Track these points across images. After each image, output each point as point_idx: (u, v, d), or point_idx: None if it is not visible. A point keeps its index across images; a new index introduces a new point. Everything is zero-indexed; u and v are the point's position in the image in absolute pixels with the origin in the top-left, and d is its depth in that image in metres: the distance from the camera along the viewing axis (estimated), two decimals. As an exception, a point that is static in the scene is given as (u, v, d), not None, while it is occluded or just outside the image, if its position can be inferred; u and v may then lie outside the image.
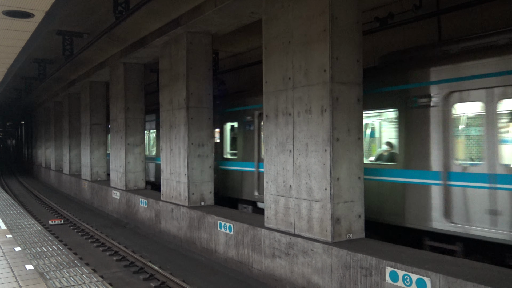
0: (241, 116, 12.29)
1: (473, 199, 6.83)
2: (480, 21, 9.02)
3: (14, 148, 63.26)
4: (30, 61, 19.03)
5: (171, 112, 11.94)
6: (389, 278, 5.93)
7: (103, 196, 17.85)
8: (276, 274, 7.99)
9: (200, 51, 11.37)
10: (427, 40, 9.76)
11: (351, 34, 7.22)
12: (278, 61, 8.04)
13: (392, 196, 8.00)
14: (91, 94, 20.05)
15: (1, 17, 8.41)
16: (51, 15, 8.40)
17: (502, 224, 6.44)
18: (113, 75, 16.44)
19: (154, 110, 17.84)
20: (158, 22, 11.78)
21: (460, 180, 7.02)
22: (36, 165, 38.35)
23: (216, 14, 9.82)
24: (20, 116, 45.97)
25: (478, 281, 5.06)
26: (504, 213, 6.43)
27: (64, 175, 25.51)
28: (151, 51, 13.67)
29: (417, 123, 7.58)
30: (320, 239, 7.16)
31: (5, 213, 12.34)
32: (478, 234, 6.72)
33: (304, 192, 7.48)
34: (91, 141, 20.03)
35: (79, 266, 7.00)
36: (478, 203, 6.76)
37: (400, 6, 10.22)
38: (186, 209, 11.15)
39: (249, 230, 8.70)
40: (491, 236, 6.56)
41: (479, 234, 6.69)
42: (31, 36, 10.02)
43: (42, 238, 9.12)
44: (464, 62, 7.03)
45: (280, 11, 7.94)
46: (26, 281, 5.73)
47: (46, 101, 30.46)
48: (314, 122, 7.27)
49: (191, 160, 11.21)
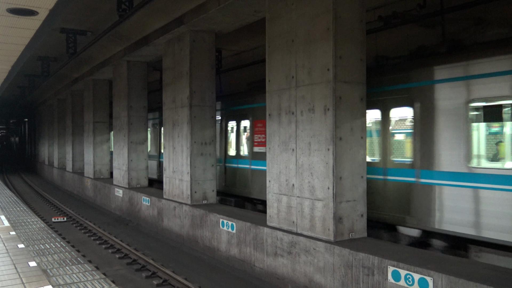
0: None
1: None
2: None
3: (18, 145, 63.42)
4: (34, 59, 19.07)
5: (174, 110, 11.95)
6: (391, 277, 5.93)
7: (106, 194, 17.89)
8: (278, 272, 7.99)
9: (203, 50, 11.37)
10: (428, 40, 9.73)
11: (354, 33, 7.21)
12: (281, 60, 8.04)
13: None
14: (94, 92, 20.09)
15: (5, 14, 8.42)
16: (55, 12, 8.41)
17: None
18: (116, 73, 16.46)
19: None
20: (162, 20, 11.79)
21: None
22: (39, 162, 38.46)
23: (220, 12, 9.82)
24: (23, 114, 46.06)
25: (480, 281, 5.05)
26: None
27: (67, 173, 25.58)
28: (155, 49, 13.68)
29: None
30: (323, 238, 7.16)
31: (8, 210, 12.39)
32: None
33: (307, 191, 7.48)
34: (94, 139, 20.08)
35: (82, 263, 7.02)
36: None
37: (404, 5, 10.19)
38: (188, 207, 11.16)
39: (252, 228, 8.71)
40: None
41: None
42: (35, 34, 10.03)
43: (45, 235, 9.15)
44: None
45: (284, 9, 7.93)
46: (29, 278, 5.75)
47: (50, 98, 30.54)
48: (317, 121, 7.27)
49: (193, 159, 11.22)
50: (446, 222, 7.17)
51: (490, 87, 6.71)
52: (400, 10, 10.00)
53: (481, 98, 6.85)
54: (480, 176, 6.75)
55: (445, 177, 7.22)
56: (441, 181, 7.27)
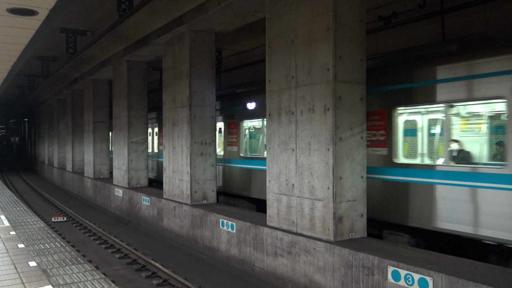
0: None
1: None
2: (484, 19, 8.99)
3: (18, 145, 63.36)
4: (34, 59, 19.06)
5: (174, 110, 11.96)
6: (391, 277, 5.93)
7: (106, 194, 17.89)
8: (278, 272, 7.99)
9: (203, 50, 11.37)
10: (429, 40, 9.73)
11: (354, 32, 7.21)
12: (281, 60, 8.04)
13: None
14: (94, 92, 20.09)
15: (5, 14, 8.42)
16: (55, 12, 8.41)
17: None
18: (116, 73, 16.46)
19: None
20: (162, 20, 11.79)
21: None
22: (39, 162, 38.46)
23: (220, 12, 9.82)
24: (23, 114, 46.09)
25: (480, 281, 5.05)
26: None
27: (67, 173, 25.58)
28: (155, 49, 13.68)
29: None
30: (322, 238, 7.16)
31: (8, 210, 12.38)
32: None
33: (307, 191, 7.49)
34: (94, 138, 20.08)
35: (82, 263, 7.02)
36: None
37: (404, 5, 10.20)
38: (188, 207, 11.16)
39: (251, 228, 8.71)
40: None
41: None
42: (35, 34, 10.02)
43: (45, 235, 9.15)
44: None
45: (284, 9, 7.93)
46: (29, 277, 5.75)
47: (50, 98, 30.54)
48: (317, 121, 7.27)
49: (193, 158, 11.22)
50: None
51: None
52: (400, 10, 10.01)
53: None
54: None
55: None
56: None
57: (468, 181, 6.82)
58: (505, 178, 6.39)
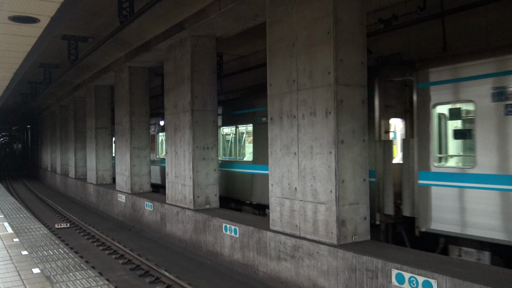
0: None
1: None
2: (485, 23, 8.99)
3: (20, 152, 63.58)
4: (36, 66, 19.16)
5: (176, 115, 11.98)
6: (395, 280, 5.91)
7: (109, 200, 17.91)
8: (281, 276, 7.97)
9: (204, 54, 11.40)
10: (430, 41, 9.73)
11: (355, 36, 7.22)
12: (282, 64, 8.05)
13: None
14: (96, 98, 20.15)
15: (7, 22, 8.45)
16: (57, 20, 8.43)
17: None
18: (118, 79, 16.51)
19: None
20: (163, 26, 11.83)
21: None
22: (42, 169, 38.54)
23: (220, 17, 9.85)
24: (26, 121, 46.23)
25: (484, 283, 5.03)
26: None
27: (69, 179, 25.62)
28: (156, 55, 13.72)
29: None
30: (326, 242, 7.14)
31: (11, 217, 12.40)
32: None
33: (309, 195, 7.48)
34: (96, 144, 20.12)
35: (85, 269, 7.02)
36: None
37: (404, 7, 10.21)
38: (191, 212, 11.16)
39: (255, 232, 8.70)
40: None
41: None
42: (36, 41, 10.06)
43: (48, 242, 9.16)
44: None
45: (284, 14, 7.95)
46: (33, 284, 5.75)
47: (52, 105, 30.64)
48: (318, 125, 7.27)
49: (196, 163, 11.23)
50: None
51: None
52: (401, 13, 10.03)
53: None
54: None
55: None
56: None
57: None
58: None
